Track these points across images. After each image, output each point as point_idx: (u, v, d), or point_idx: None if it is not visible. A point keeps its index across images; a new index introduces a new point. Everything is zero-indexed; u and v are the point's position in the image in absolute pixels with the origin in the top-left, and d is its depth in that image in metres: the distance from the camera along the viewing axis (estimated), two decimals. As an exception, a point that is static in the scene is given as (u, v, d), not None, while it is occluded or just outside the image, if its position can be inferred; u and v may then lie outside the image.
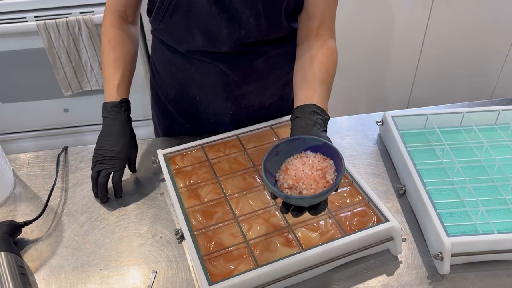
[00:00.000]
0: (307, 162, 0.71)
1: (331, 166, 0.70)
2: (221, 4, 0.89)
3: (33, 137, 2.24)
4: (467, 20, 2.17)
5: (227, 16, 0.91)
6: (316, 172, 0.69)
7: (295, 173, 0.70)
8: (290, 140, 0.73)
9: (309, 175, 0.69)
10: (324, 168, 0.70)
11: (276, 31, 0.98)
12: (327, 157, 0.72)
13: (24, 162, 1.09)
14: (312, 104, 0.83)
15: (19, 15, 1.84)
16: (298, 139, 0.73)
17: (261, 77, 1.04)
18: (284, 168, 0.72)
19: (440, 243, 0.78)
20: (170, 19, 0.94)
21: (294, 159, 0.72)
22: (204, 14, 0.91)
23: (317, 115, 0.82)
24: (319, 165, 0.70)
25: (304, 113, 0.82)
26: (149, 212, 0.95)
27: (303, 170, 0.70)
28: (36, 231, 0.92)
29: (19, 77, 2.00)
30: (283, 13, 0.95)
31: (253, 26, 0.93)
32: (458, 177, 0.93)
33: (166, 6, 0.91)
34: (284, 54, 1.04)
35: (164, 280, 0.82)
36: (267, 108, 1.10)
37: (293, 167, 0.71)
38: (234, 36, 0.94)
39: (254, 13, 0.91)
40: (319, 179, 0.69)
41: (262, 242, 0.82)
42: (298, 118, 0.82)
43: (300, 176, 0.69)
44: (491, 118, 1.07)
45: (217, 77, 1.01)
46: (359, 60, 2.20)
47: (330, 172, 0.70)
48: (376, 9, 2.07)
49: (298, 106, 0.84)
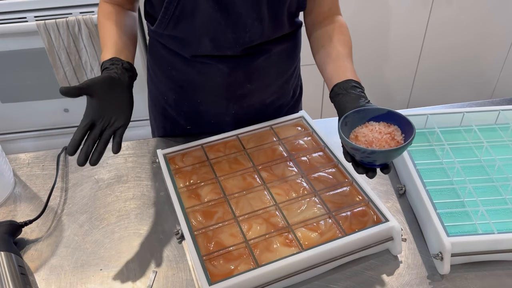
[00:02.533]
0: (374, 129, 0.77)
1: (397, 130, 0.77)
2: (226, 10, 0.89)
3: (33, 137, 2.24)
4: (467, 20, 2.17)
5: (232, 21, 0.91)
6: (385, 136, 0.75)
7: (366, 139, 0.76)
8: (355, 112, 0.78)
9: (379, 139, 0.75)
10: (392, 132, 0.76)
11: (279, 30, 0.99)
12: (391, 124, 0.78)
13: (24, 162, 1.09)
14: (350, 80, 0.86)
15: (19, 15, 1.84)
16: (363, 110, 0.78)
17: (263, 75, 1.04)
18: (353, 137, 0.78)
19: (440, 243, 0.78)
20: (174, 27, 0.93)
21: (361, 128, 0.78)
22: (209, 21, 0.91)
23: (358, 88, 0.85)
24: (385, 130, 0.76)
25: (346, 89, 0.84)
26: (149, 212, 0.95)
27: (373, 136, 0.76)
28: (36, 231, 0.92)
29: (19, 77, 2.00)
30: (286, 13, 0.95)
31: (257, 30, 0.94)
32: (458, 177, 0.93)
33: (171, 15, 0.90)
34: (285, 51, 1.04)
35: (164, 280, 0.82)
36: (268, 105, 1.11)
37: (362, 134, 0.77)
38: (239, 41, 0.94)
39: (259, 16, 0.92)
40: (390, 140, 0.75)
41: (262, 242, 0.82)
42: (341, 95, 0.84)
43: (371, 141, 0.75)
44: (491, 118, 1.07)
45: (219, 78, 1.01)
46: (359, 60, 2.19)
47: (398, 134, 0.76)
48: (376, 9, 2.07)
49: (337, 84, 0.86)
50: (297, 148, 1.01)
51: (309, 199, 0.89)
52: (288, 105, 1.16)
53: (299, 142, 1.03)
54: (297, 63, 1.13)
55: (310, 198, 0.89)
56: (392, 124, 0.78)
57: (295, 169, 0.96)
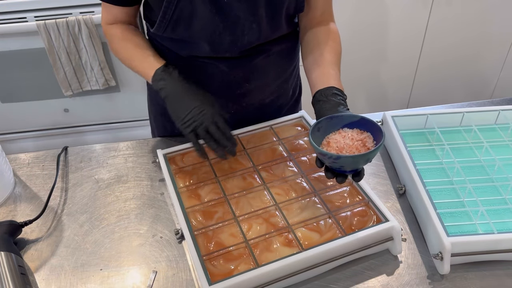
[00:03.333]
0: (346, 136, 0.78)
1: (369, 137, 0.77)
2: (223, 13, 0.89)
3: (33, 137, 2.24)
4: (467, 20, 2.17)
5: (230, 24, 0.91)
6: (357, 142, 0.76)
7: (337, 145, 0.77)
8: (329, 118, 0.80)
9: (351, 145, 0.76)
10: (364, 139, 0.77)
11: (277, 31, 0.99)
12: (364, 131, 0.79)
13: (24, 162, 1.09)
14: (331, 87, 0.87)
15: (19, 15, 1.84)
16: (337, 117, 0.80)
17: (262, 75, 1.04)
18: (325, 143, 0.79)
19: (440, 243, 0.78)
20: (173, 30, 0.93)
21: (334, 135, 0.79)
22: (207, 24, 0.91)
23: (338, 96, 0.86)
24: (358, 137, 0.77)
25: (326, 95, 0.86)
26: (149, 212, 0.95)
27: (344, 142, 0.77)
28: (36, 231, 0.92)
29: (19, 77, 2.00)
30: (284, 15, 0.95)
31: (255, 32, 0.94)
32: (458, 177, 0.93)
33: (169, 18, 0.91)
34: (283, 51, 1.04)
35: (164, 280, 0.82)
36: (268, 105, 1.11)
37: (334, 140, 0.78)
38: (237, 43, 0.94)
39: (257, 18, 0.92)
40: (360, 147, 0.76)
41: (262, 242, 0.82)
42: (321, 101, 0.86)
43: (342, 147, 0.76)
44: (491, 118, 1.07)
45: (218, 78, 1.01)
46: (359, 60, 2.20)
47: (369, 141, 0.77)
48: (376, 9, 2.07)
49: (318, 90, 0.87)
50: (297, 148, 1.01)
51: (309, 199, 0.89)
52: (287, 104, 1.16)
53: (299, 142, 1.03)
54: (296, 63, 1.13)
55: (310, 198, 0.89)
56: (365, 131, 0.79)
57: (295, 169, 0.96)
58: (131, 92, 2.10)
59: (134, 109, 2.16)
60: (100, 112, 2.17)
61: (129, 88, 2.08)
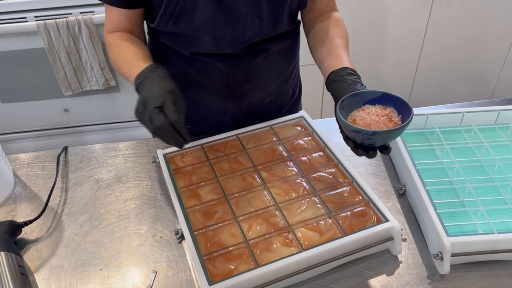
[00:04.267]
0: (370, 112, 0.77)
1: (394, 111, 0.77)
2: (226, 8, 0.89)
3: (33, 137, 2.24)
4: (467, 20, 2.17)
5: (232, 19, 0.91)
6: (383, 118, 0.75)
7: (363, 122, 0.75)
8: (352, 95, 0.78)
9: (377, 121, 0.75)
10: (388, 114, 0.76)
11: (279, 28, 0.99)
12: (386, 106, 0.78)
13: (24, 162, 1.09)
14: (345, 67, 0.87)
15: (19, 15, 1.84)
16: (358, 94, 0.79)
17: (261, 75, 1.04)
18: (350, 121, 0.77)
19: (440, 243, 0.78)
20: (174, 25, 0.93)
21: (357, 112, 0.78)
22: (209, 19, 0.91)
23: (353, 75, 0.85)
24: (382, 112, 0.77)
25: (342, 75, 0.85)
26: (149, 212, 0.95)
27: (370, 118, 0.76)
28: (36, 231, 0.92)
29: (19, 77, 2.00)
30: (286, 11, 0.96)
31: (257, 27, 0.94)
32: (458, 177, 0.93)
33: (171, 13, 0.90)
34: (283, 49, 1.05)
35: (164, 280, 0.82)
36: (267, 105, 1.11)
37: (359, 118, 0.77)
38: (239, 39, 0.94)
39: (259, 13, 0.92)
40: (387, 122, 0.75)
41: (262, 242, 0.82)
42: (337, 81, 0.85)
43: (369, 123, 0.75)
44: (491, 118, 1.07)
45: (217, 77, 1.01)
46: (359, 59, 2.20)
47: (395, 116, 0.76)
48: (376, 9, 2.07)
49: (333, 71, 0.87)
50: (297, 148, 1.01)
51: (309, 199, 0.89)
52: (287, 105, 1.16)
53: (299, 142, 1.03)
54: (296, 63, 1.13)
55: (310, 198, 0.89)
56: (388, 106, 0.78)
57: (295, 169, 0.96)
58: (131, 92, 2.09)
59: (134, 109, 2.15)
60: (100, 112, 2.17)
61: (129, 88, 2.08)
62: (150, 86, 0.81)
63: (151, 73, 0.83)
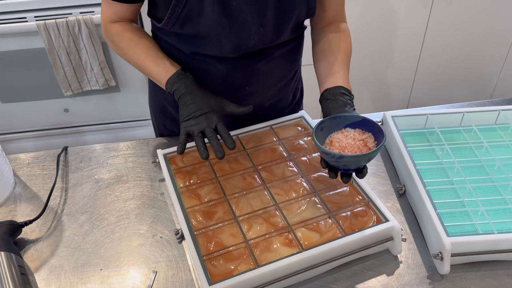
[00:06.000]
0: (348, 135, 0.80)
1: (371, 137, 0.80)
2: (231, 16, 0.89)
3: (33, 137, 2.24)
4: (467, 20, 2.17)
5: (237, 27, 0.91)
6: (358, 142, 0.78)
7: (340, 144, 0.79)
8: (332, 118, 0.82)
9: (352, 145, 0.78)
10: (365, 139, 0.79)
11: (283, 36, 0.99)
12: (365, 131, 0.81)
13: (24, 162, 1.09)
14: (339, 86, 0.89)
15: (19, 15, 1.84)
16: (340, 117, 0.82)
17: (262, 79, 1.04)
18: (328, 142, 0.81)
19: (440, 243, 0.78)
20: (180, 27, 0.93)
21: (336, 134, 0.81)
22: (214, 26, 0.91)
23: (346, 96, 0.88)
24: (359, 136, 0.80)
25: (334, 95, 0.88)
26: (149, 212, 0.95)
27: (346, 141, 0.79)
28: (36, 231, 0.92)
29: (19, 77, 2.00)
30: (293, 20, 0.95)
31: (261, 36, 0.94)
32: (458, 177, 0.93)
33: (177, 16, 0.90)
34: (286, 54, 1.04)
35: (164, 280, 0.82)
36: (267, 109, 1.10)
37: (336, 140, 0.80)
38: (242, 46, 0.94)
39: (265, 22, 0.92)
40: (362, 147, 0.78)
41: (262, 242, 0.82)
42: (328, 100, 0.88)
43: (345, 146, 0.78)
44: (491, 118, 1.07)
45: (218, 79, 1.01)
46: (359, 60, 2.20)
47: (371, 141, 0.79)
48: (375, 9, 2.07)
49: (326, 89, 0.90)
50: (297, 148, 1.01)
51: (309, 199, 0.89)
52: (287, 108, 1.16)
53: (299, 142, 1.03)
54: (297, 67, 1.13)
55: (310, 198, 0.89)
56: (366, 131, 0.81)
57: (295, 169, 0.96)
58: (131, 92, 2.10)
59: (134, 109, 2.16)
60: (100, 112, 2.17)
61: (129, 88, 2.08)
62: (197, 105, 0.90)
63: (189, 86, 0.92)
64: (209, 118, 0.89)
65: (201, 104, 0.90)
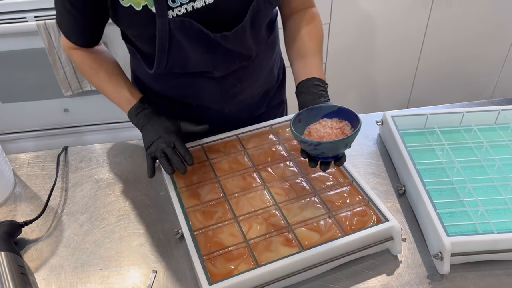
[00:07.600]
0: (326, 125, 0.82)
1: (348, 125, 0.82)
2: (214, 50, 0.91)
3: (33, 137, 2.24)
4: (467, 21, 2.17)
5: (221, 56, 0.93)
6: (336, 130, 0.81)
7: (318, 134, 0.81)
8: (309, 109, 0.84)
9: (330, 133, 0.80)
10: (342, 127, 0.81)
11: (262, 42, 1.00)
12: (342, 120, 0.83)
13: (24, 162, 1.09)
14: (313, 78, 0.90)
15: (19, 15, 1.84)
16: (316, 108, 0.84)
17: (251, 73, 1.04)
18: (306, 133, 0.83)
19: (440, 242, 0.78)
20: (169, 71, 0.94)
21: (314, 125, 0.84)
22: (200, 61, 0.93)
23: (320, 87, 0.89)
24: (336, 125, 0.82)
25: (308, 87, 0.89)
26: (149, 212, 0.95)
27: (324, 131, 0.81)
28: (36, 231, 0.92)
29: (19, 77, 2.00)
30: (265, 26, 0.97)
31: (246, 57, 0.97)
32: (458, 177, 0.93)
33: (163, 67, 0.91)
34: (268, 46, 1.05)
35: (164, 280, 0.82)
36: (257, 96, 1.11)
37: (314, 130, 0.82)
38: (229, 67, 0.97)
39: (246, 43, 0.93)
40: (340, 134, 0.80)
41: (262, 242, 0.82)
42: (303, 93, 0.90)
43: (323, 135, 0.80)
44: (490, 118, 1.07)
45: (211, 87, 1.01)
46: (359, 60, 2.20)
47: (348, 129, 0.81)
48: (375, 9, 2.08)
49: (300, 82, 0.91)
50: (297, 148, 1.01)
51: (309, 199, 0.89)
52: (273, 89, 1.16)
53: (299, 142, 1.03)
54: (277, 49, 1.13)
55: (310, 198, 0.89)
56: (343, 120, 0.83)
57: (295, 169, 0.96)
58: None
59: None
60: (100, 112, 2.17)
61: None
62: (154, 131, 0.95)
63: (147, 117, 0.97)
64: (166, 138, 0.93)
65: (158, 128, 0.95)
